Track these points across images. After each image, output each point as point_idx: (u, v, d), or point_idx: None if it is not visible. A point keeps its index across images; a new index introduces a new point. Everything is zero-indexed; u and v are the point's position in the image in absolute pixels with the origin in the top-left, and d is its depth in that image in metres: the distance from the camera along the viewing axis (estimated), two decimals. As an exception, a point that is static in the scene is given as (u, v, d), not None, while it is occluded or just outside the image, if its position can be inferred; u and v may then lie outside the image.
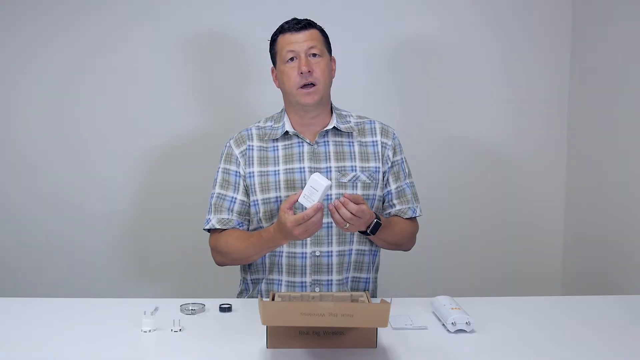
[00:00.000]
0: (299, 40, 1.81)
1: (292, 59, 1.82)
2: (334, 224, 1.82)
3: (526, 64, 2.69)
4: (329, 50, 1.89)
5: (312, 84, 1.81)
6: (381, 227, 1.74)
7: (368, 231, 1.73)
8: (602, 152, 2.46)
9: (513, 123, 2.72)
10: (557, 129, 2.72)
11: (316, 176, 1.57)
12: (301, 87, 1.81)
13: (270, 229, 1.72)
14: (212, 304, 1.68)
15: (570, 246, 2.72)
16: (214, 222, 1.87)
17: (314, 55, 1.82)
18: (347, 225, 1.63)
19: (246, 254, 1.82)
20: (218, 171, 1.92)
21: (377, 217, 1.73)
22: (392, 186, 1.93)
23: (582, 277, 2.62)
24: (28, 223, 2.68)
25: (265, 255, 1.88)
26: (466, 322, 1.50)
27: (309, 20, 1.86)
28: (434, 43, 2.67)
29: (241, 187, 1.88)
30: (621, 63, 2.35)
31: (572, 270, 2.71)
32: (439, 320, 1.58)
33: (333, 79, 1.90)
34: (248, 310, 1.63)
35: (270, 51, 1.91)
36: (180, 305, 1.67)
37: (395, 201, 1.93)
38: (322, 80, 1.81)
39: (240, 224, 1.88)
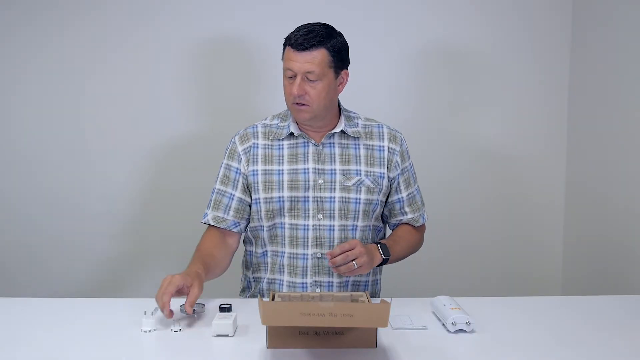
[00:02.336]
0: (298, 61, 1.75)
1: (291, 76, 1.79)
2: (336, 227, 1.84)
3: (526, 64, 2.69)
4: (339, 66, 1.80)
5: (305, 105, 1.78)
6: (389, 247, 1.82)
7: (382, 257, 1.79)
8: (602, 152, 2.46)
9: (513, 123, 2.72)
10: (557, 129, 2.72)
11: None
12: (295, 104, 1.79)
13: (190, 269, 1.70)
14: (212, 304, 1.68)
15: (570, 246, 2.72)
16: (209, 218, 1.89)
17: (312, 81, 1.75)
18: (355, 265, 1.68)
19: None
20: (221, 166, 1.92)
21: (377, 242, 1.82)
22: (404, 193, 1.93)
23: (582, 277, 2.62)
24: (28, 223, 2.68)
25: (267, 255, 1.89)
26: (466, 322, 1.50)
27: (320, 37, 1.75)
28: (434, 44, 2.67)
29: (240, 185, 1.88)
30: (621, 63, 2.35)
31: (572, 270, 2.71)
32: (439, 320, 1.58)
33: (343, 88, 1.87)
34: (248, 310, 1.63)
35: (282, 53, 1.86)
36: (180, 305, 1.66)
37: (407, 208, 1.95)
38: (315, 102, 1.77)
39: (236, 224, 1.88)
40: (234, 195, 1.88)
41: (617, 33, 2.37)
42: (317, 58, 1.75)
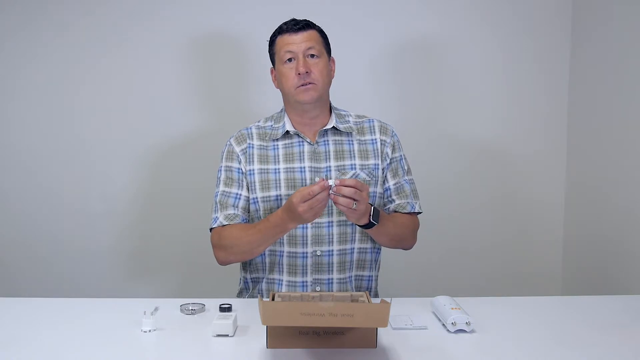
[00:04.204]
0: (296, 41, 1.81)
1: (290, 59, 1.82)
2: (334, 223, 1.84)
3: (526, 64, 2.69)
4: (328, 51, 1.89)
5: (311, 84, 1.81)
6: (380, 216, 1.72)
7: (370, 219, 1.68)
8: (602, 152, 2.46)
9: (513, 123, 2.72)
10: (557, 129, 2.72)
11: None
12: (300, 87, 1.81)
13: (278, 210, 1.70)
14: (212, 304, 1.68)
15: (570, 246, 2.72)
16: (221, 220, 1.85)
17: (312, 56, 1.82)
18: (355, 205, 1.58)
19: (252, 244, 1.77)
20: (220, 170, 1.92)
21: (373, 206, 1.70)
22: (390, 182, 1.93)
23: (582, 277, 2.62)
24: (28, 223, 2.68)
25: (265, 254, 1.88)
26: (466, 322, 1.50)
27: (308, 21, 1.86)
28: (434, 43, 2.67)
29: (245, 184, 1.88)
30: (621, 63, 2.35)
31: (572, 270, 2.71)
32: (439, 320, 1.58)
33: (332, 80, 1.90)
34: (248, 310, 1.63)
35: (269, 52, 1.91)
36: (180, 305, 1.67)
37: (394, 196, 1.93)
38: (320, 80, 1.82)
39: (246, 221, 1.88)
40: (240, 195, 1.87)
41: (618, 32, 2.37)
42: (313, 36, 1.84)
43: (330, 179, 1.59)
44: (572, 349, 1.43)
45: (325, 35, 1.89)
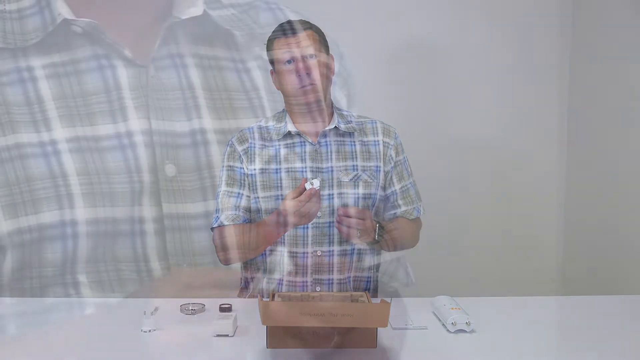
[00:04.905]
0: (294, 42, 1.81)
1: (289, 61, 1.82)
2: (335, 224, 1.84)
3: (526, 64, 2.68)
4: (327, 49, 1.89)
5: (311, 84, 1.81)
6: (385, 229, 1.79)
7: (376, 237, 1.76)
8: (602, 152, 2.46)
9: (513, 123, 2.71)
10: (557, 128, 2.72)
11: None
12: (300, 88, 1.81)
13: (273, 215, 1.72)
14: (212, 304, 1.68)
15: (570, 246, 2.72)
16: (222, 219, 1.85)
17: (311, 56, 1.82)
18: (359, 233, 1.67)
19: (251, 245, 1.80)
20: (223, 169, 1.92)
21: (377, 222, 1.78)
22: (397, 186, 1.93)
23: (582, 277, 2.62)
24: (28, 223, 2.68)
25: (266, 254, 1.88)
26: (466, 322, 1.50)
27: (304, 21, 1.86)
28: (434, 43, 2.67)
29: (247, 183, 1.88)
30: (621, 63, 2.35)
31: (572, 270, 2.71)
32: (439, 320, 1.58)
33: (333, 77, 1.90)
34: (248, 310, 1.63)
35: (267, 55, 1.91)
36: (180, 305, 1.67)
37: (400, 201, 1.94)
38: (320, 80, 1.82)
39: (248, 221, 1.88)
40: (242, 194, 1.88)
41: (618, 32, 2.37)
42: (310, 36, 1.83)
43: (314, 179, 1.61)
44: (572, 349, 1.43)
45: (323, 33, 1.88)
